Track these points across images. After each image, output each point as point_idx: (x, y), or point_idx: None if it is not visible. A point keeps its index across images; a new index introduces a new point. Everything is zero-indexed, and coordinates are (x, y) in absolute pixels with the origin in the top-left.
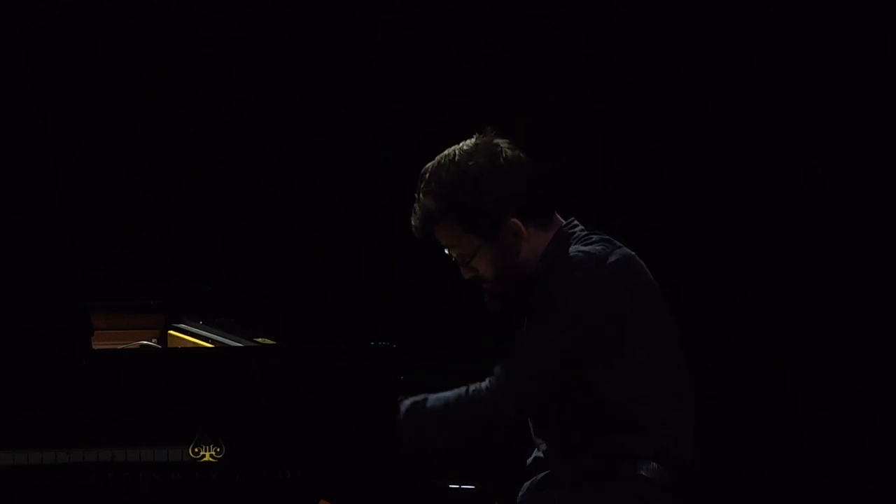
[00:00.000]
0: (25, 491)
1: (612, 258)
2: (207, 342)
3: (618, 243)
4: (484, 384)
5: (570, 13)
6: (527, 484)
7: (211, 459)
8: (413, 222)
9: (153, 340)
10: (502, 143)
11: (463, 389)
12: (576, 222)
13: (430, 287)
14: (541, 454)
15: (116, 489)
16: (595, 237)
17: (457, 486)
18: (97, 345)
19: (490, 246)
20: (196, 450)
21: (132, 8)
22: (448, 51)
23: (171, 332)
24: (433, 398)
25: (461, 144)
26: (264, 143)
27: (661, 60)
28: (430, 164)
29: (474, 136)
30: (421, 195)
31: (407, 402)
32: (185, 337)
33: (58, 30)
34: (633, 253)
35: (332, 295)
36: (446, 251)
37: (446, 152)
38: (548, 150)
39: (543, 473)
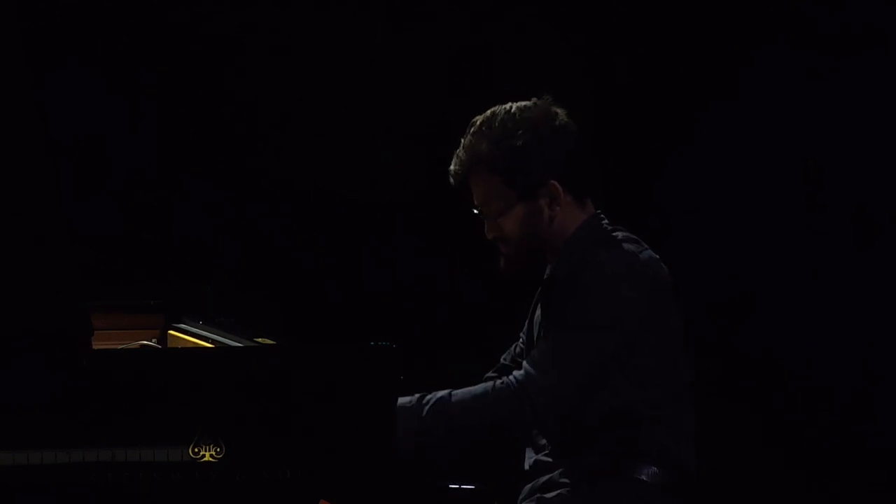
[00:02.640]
0: (25, 491)
1: (640, 259)
2: (207, 342)
3: (643, 243)
4: (513, 380)
5: (571, 13)
6: (527, 487)
7: (211, 459)
8: (453, 166)
9: (153, 340)
10: (560, 110)
11: (489, 385)
12: (603, 215)
13: (430, 287)
14: (541, 456)
15: (116, 489)
16: (621, 234)
17: (457, 486)
18: (97, 345)
19: (524, 205)
20: (196, 450)
21: (132, 8)
22: (448, 51)
23: (171, 332)
24: (459, 393)
25: (518, 102)
26: (264, 143)
27: (661, 61)
28: (482, 115)
29: (533, 99)
30: (470, 138)
31: (430, 397)
32: (185, 337)
33: (58, 29)
34: (655, 254)
35: (332, 295)
36: (475, 210)
37: (502, 105)
38: None
39: (546, 477)
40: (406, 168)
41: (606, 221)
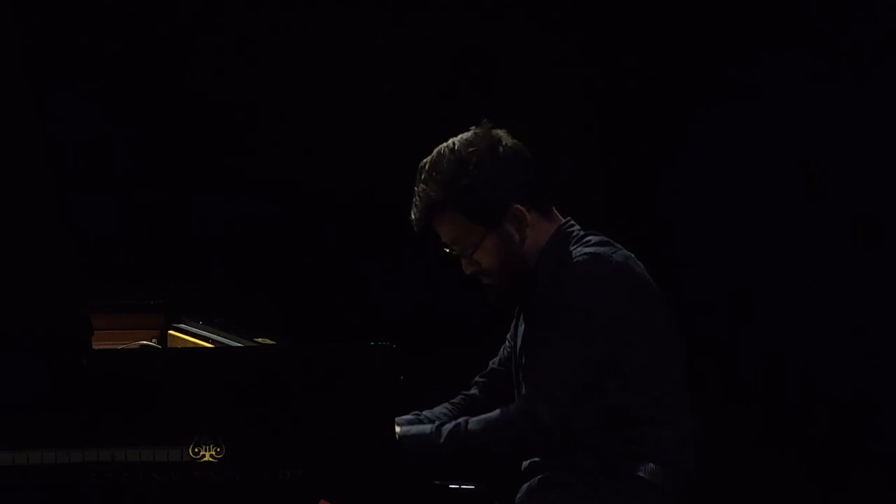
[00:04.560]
0: (25, 491)
1: (615, 259)
2: (207, 342)
3: (616, 244)
4: (522, 403)
5: (572, 14)
6: (525, 486)
7: (211, 459)
8: (413, 215)
9: (153, 340)
10: (501, 132)
11: (501, 411)
12: (573, 222)
13: (430, 287)
14: (536, 459)
15: (116, 489)
16: (594, 238)
17: (457, 486)
18: (97, 345)
19: (494, 235)
20: (196, 450)
21: (133, 8)
22: (448, 51)
23: (171, 332)
24: (473, 420)
25: (459, 136)
26: (264, 142)
27: (663, 61)
28: (428, 157)
29: (472, 129)
30: (422, 185)
31: (448, 425)
32: (185, 337)
33: (57, 29)
34: (631, 254)
35: (332, 295)
36: (446, 248)
37: (445, 143)
38: (548, 151)
39: (544, 476)
40: (406, 168)
41: (577, 227)
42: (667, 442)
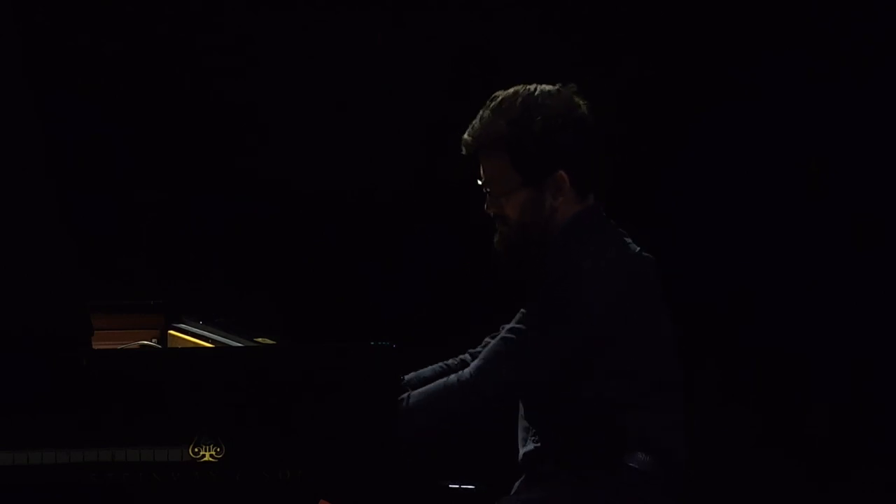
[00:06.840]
0: (25, 491)
1: (616, 255)
2: (207, 342)
3: (628, 239)
4: (467, 374)
5: (572, 14)
6: (517, 484)
7: (211, 459)
8: (467, 136)
9: (153, 340)
10: (582, 102)
11: (443, 381)
12: (598, 210)
13: (430, 287)
14: (531, 450)
15: (116, 489)
16: (607, 230)
17: (457, 486)
18: (97, 345)
19: (528, 191)
20: (196, 450)
21: (133, 8)
22: (449, 51)
23: (171, 332)
24: (416, 392)
25: (542, 85)
26: (264, 142)
27: (663, 61)
28: (504, 91)
29: (558, 85)
30: (488, 113)
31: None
32: (185, 337)
33: (57, 29)
34: (638, 248)
35: (332, 295)
36: (479, 182)
37: (526, 85)
38: None
39: (536, 469)
40: (406, 168)
41: (597, 217)
42: (655, 430)
